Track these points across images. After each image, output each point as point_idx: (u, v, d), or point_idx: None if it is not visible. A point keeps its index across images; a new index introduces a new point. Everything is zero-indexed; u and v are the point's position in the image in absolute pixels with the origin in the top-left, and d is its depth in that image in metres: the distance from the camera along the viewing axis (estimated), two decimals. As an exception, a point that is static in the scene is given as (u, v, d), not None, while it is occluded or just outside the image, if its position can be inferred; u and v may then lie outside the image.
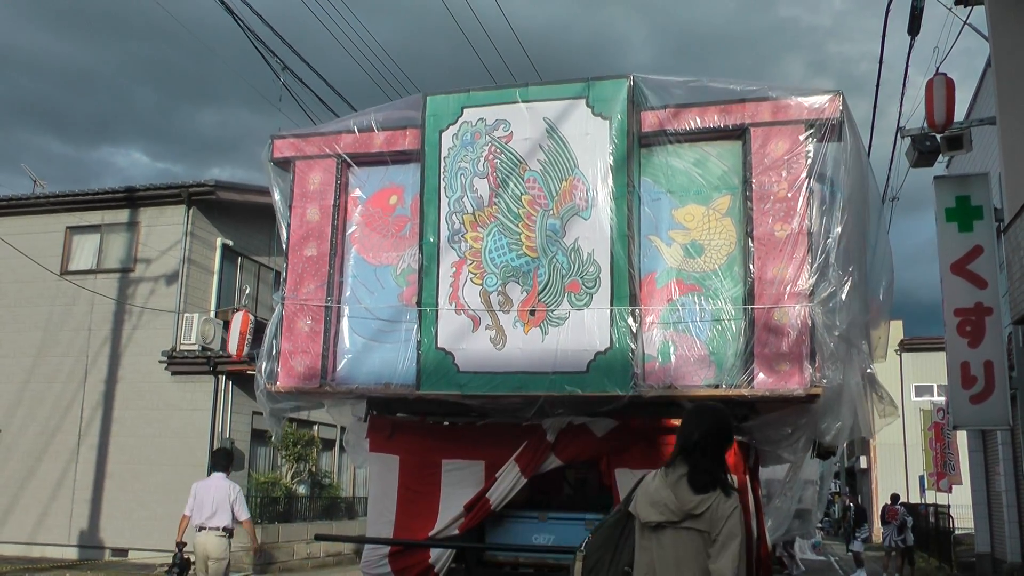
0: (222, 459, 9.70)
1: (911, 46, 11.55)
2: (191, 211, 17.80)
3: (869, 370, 5.97)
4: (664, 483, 3.99)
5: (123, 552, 16.61)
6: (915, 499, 27.41)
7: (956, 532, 19.07)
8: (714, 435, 4.08)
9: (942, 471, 22.59)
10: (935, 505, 21.10)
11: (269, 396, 6.57)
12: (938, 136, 11.28)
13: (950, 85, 10.79)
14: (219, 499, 9.09)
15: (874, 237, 5.95)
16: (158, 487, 16.58)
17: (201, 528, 9.06)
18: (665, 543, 3.88)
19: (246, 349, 15.66)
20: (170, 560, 9.92)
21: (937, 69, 11.05)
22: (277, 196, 6.81)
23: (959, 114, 12.67)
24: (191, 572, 9.38)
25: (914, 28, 11.01)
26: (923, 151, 11.44)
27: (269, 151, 6.83)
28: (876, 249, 5.93)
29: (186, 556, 9.48)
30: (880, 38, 11.41)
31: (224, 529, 9.10)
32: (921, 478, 26.52)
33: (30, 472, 17.48)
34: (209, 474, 9.69)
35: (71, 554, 16.73)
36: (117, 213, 18.33)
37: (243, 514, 9.26)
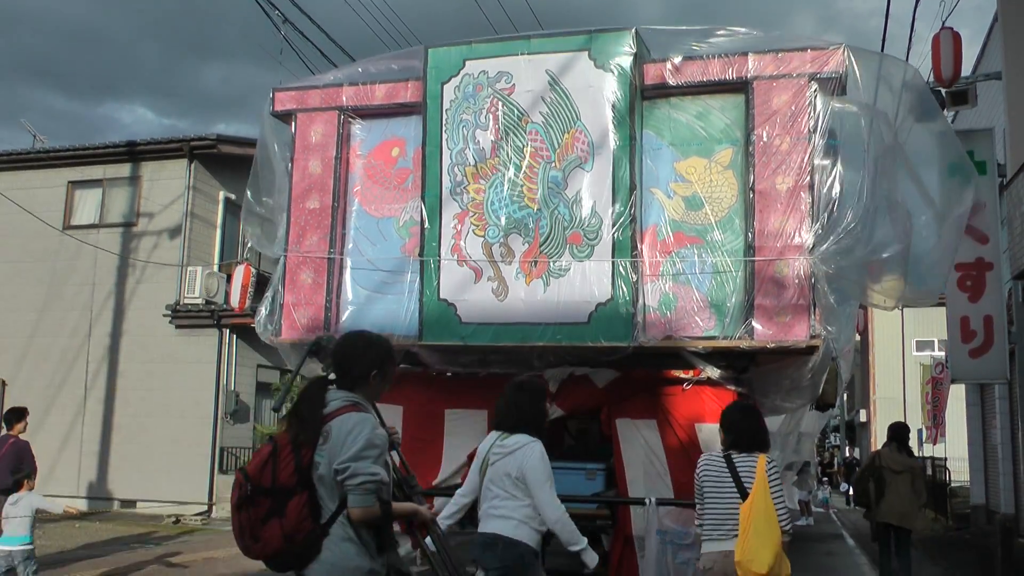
0: None
1: (917, 1, 11.42)
2: (193, 165, 17.73)
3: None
4: (897, 452, 8.80)
5: (131, 503, 16.81)
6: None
7: (952, 484, 19.25)
8: (906, 430, 9.18)
9: (931, 424, 22.78)
10: (932, 458, 21.28)
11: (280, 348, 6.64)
12: (943, 91, 11.19)
13: (957, 39, 10.69)
14: None
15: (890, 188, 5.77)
16: (165, 439, 16.74)
17: None
18: (904, 479, 8.58)
19: (248, 302, 15.70)
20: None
21: (943, 23, 10.95)
22: (271, 148, 6.83)
23: (966, 69, 12.56)
24: None
25: (920, -20, 10.88)
26: (927, 105, 11.34)
27: (270, 103, 6.83)
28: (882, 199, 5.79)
29: None
30: (886, -10, 11.27)
31: None
32: (920, 431, 26.71)
33: (38, 425, 17.53)
34: None
35: (80, 505, 16.84)
36: (119, 168, 18.26)
37: None
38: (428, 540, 3.88)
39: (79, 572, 10.17)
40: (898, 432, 8.95)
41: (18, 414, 9.85)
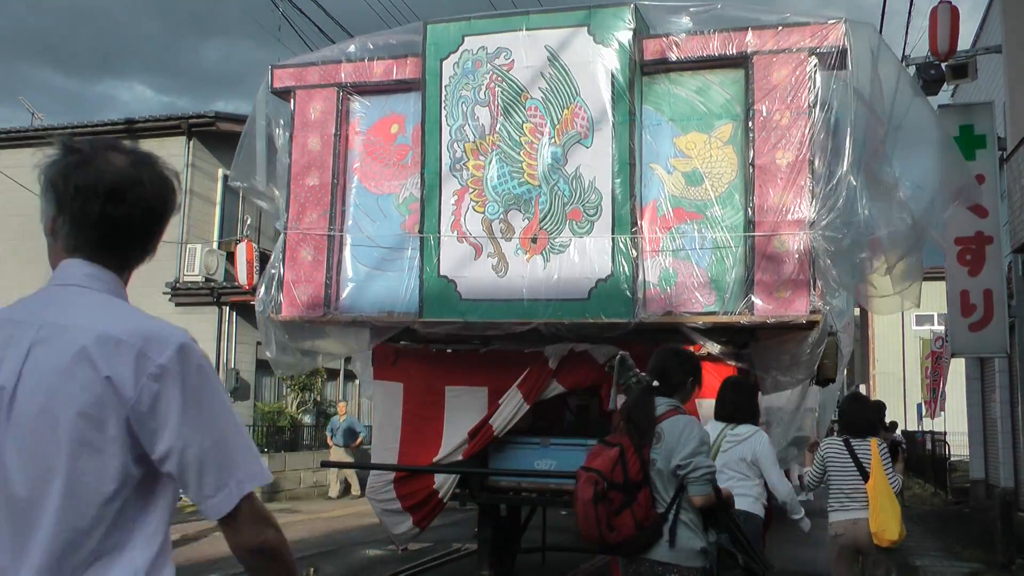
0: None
1: (918, -28, 11.35)
2: (192, 142, 17.69)
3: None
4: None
5: (134, 482, 16.88)
6: (913, 427, 27.74)
7: (952, 459, 19.32)
8: (882, 408, 8.36)
9: (931, 399, 22.88)
10: (931, 432, 21.36)
11: (276, 327, 6.64)
12: (943, 65, 11.16)
13: (954, 13, 10.65)
14: None
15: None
16: (165, 417, 16.78)
17: None
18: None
19: (256, 278, 15.70)
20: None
21: (943, -4, 10.90)
22: (258, 124, 6.81)
23: (966, 42, 12.53)
24: None
25: (922, -47, 10.82)
26: (928, 80, 11.33)
27: (268, 80, 6.80)
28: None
29: None
30: (887, -37, 11.18)
31: None
32: (919, 406, 26.80)
33: (39, 403, 17.63)
34: None
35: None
36: (117, 145, 18.25)
37: None
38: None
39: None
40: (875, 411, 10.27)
41: None
